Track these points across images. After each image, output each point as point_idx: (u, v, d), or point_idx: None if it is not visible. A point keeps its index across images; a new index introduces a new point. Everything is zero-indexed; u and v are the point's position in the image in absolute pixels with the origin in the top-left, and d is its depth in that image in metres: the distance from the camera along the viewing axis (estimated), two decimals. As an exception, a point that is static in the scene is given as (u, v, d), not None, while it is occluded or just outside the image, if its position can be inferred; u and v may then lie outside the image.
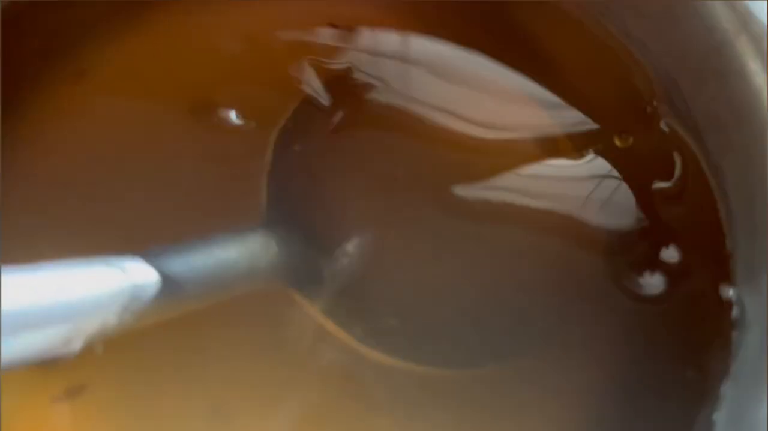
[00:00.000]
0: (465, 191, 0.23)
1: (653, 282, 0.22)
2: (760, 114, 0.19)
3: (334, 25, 0.25)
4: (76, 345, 0.17)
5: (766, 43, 0.18)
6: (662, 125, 0.23)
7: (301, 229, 0.23)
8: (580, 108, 0.24)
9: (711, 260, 0.21)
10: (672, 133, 0.22)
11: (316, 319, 0.22)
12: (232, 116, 0.24)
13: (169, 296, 0.19)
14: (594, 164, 0.23)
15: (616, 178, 0.23)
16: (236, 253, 0.21)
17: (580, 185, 0.23)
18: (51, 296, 0.17)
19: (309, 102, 0.24)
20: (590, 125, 0.24)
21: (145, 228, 0.23)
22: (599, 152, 0.23)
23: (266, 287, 0.22)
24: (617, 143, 0.23)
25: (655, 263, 0.22)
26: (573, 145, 0.24)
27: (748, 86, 0.19)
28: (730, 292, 0.21)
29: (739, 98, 0.20)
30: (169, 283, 0.19)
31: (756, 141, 0.19)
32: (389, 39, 0.25)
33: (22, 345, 0.16)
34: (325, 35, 0.25)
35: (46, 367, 0.22)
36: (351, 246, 0.23)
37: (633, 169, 0.23)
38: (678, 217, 0.22)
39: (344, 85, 0.24)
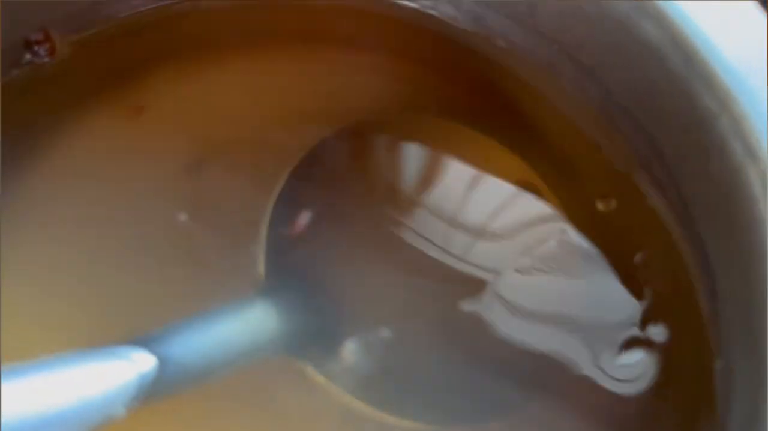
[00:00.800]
0: (456, 263, 0.24)
1: (636, 360, 0.22)
2: (741, 192, 0.19)
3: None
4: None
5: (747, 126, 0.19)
6: (644, 191, 0.23)
7: (300, 297, 0.23)
8: (561, 173, 0.24)
9: (694, 332, 0.22)
10: (653, 200, 0.23)
11: (322, 386, 0.23)
12: (227, 176, 0.24)
13: (174, 380, 0.20)
14: (576, 232, 0.24)
15: (598, 247, 0.23)
16: (236, 327, 0.22)
17: (564, 257, 0.24)
18: (57, 399, 0.17)
19: (308, 167, 0.25)
20: (572, 189, 0.24)
21: (138, 301, 0.23)
22: (582, 218, 0.24)
23: (270, 358, 0.23)
24: (600, 207, 0.24)
25: (638, 341, 0.23)
26: (557, 212, 0.24)
27: (729, 164, 0.20)
28: (716, 362, 0.21)
29: (721, 174, 0.20)
30: (172, 366, 0.20)
31: (738, 218, 0.19)
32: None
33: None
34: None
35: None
36: (352, 312, 0.23)
37: (615, 236, 0.23)
38: (660, 290, 0.23)
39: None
